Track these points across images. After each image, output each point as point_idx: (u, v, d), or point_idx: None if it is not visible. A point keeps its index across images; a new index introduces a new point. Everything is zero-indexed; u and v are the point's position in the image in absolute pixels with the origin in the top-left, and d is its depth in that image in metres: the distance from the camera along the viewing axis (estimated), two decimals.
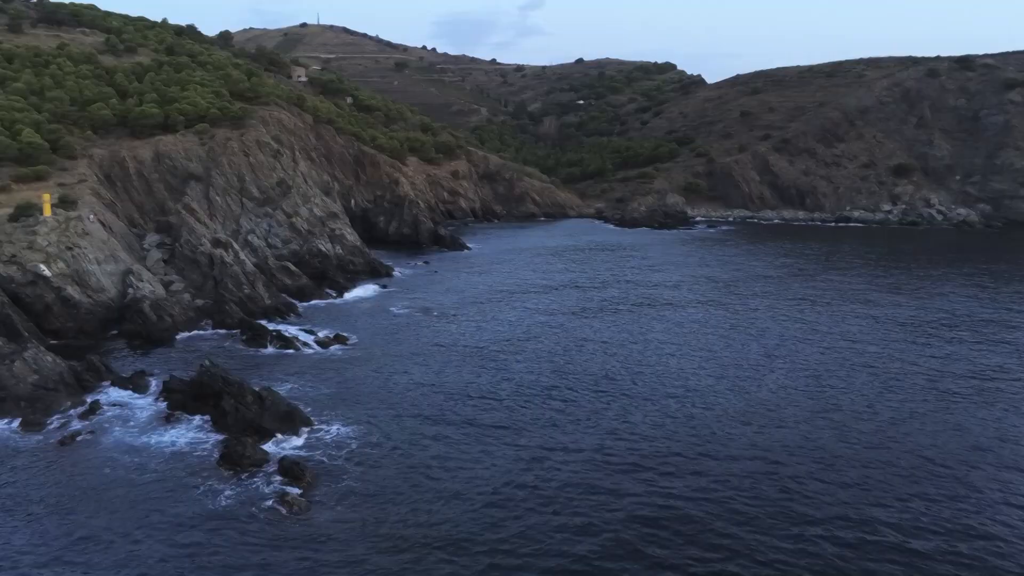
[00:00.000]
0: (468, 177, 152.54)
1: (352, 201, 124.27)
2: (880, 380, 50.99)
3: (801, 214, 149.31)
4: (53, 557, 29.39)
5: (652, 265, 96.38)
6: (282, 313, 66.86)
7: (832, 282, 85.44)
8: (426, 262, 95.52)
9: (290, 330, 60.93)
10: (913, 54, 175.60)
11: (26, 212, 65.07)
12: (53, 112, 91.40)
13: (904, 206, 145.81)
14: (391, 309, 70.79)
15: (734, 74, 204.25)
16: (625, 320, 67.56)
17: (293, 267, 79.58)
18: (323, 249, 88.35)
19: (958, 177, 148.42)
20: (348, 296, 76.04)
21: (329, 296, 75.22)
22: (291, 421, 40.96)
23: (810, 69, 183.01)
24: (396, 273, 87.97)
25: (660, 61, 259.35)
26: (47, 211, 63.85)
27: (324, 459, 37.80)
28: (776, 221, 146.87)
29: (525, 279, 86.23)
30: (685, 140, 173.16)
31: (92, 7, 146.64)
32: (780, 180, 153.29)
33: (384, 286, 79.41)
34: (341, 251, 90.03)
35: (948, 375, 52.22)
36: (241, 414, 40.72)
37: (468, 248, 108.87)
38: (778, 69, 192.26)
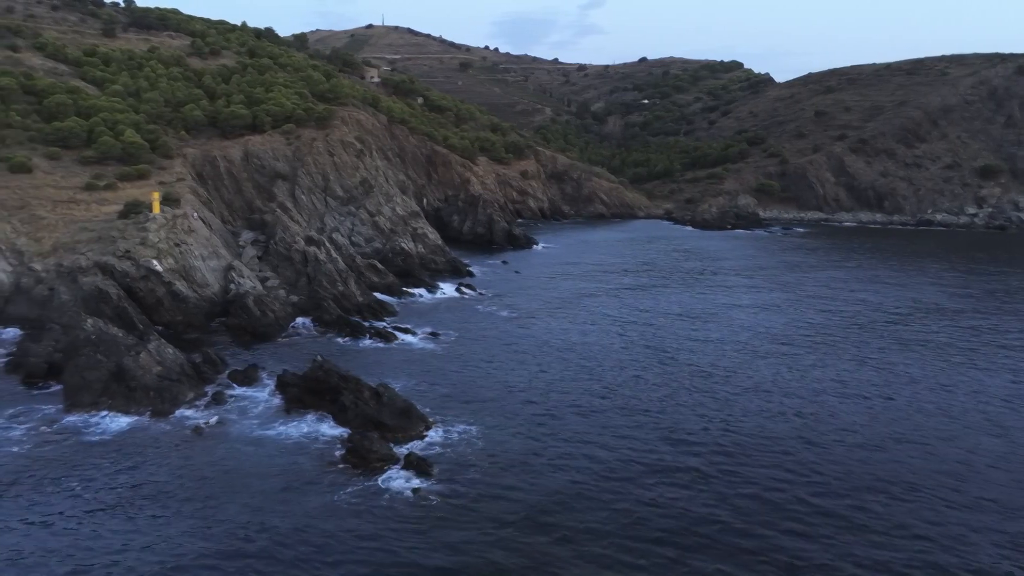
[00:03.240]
0: (537, 177, 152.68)
1: (424, 200, 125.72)
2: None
3: (879, 216, 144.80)
4: (193, 546, 30.40)
5: (738, 267, 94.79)
6: (375, 311, 67.94)
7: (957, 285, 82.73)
8: (504, 261, 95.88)
9: (386, 327, 61.94)
10: (1000, 50, 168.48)
11: (135, 209, 67.79)
12: (149, 113, 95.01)
13: (991, 209, 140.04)
14: (478, 307, 71.31)
15: (805, 72, 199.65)
16: (719, 316, 66.68)
17: (380, 265, 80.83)
18: (405, 248, 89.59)
19: None
20: (435, 295, 76.81)
21: (416, 295, 76.13)
22: (409, 417, 41.56)
23: (888, 67, 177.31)
24: (476, 272, 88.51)
25: (725, 59, 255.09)
26: (156, 209, 66.35)
27: (448, 455, 38.28)
28: (852, 224, 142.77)
29: (607, 277, 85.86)
30: (756, 140, 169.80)
31: (176, 11, 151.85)
32: (857, 182, 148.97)
33: (469, 285, 79.96)
34: (423, 250, 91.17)
35: None
36: (360, 409, 41.54)
37: (542, 247, 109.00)
38: (852, 67, 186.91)
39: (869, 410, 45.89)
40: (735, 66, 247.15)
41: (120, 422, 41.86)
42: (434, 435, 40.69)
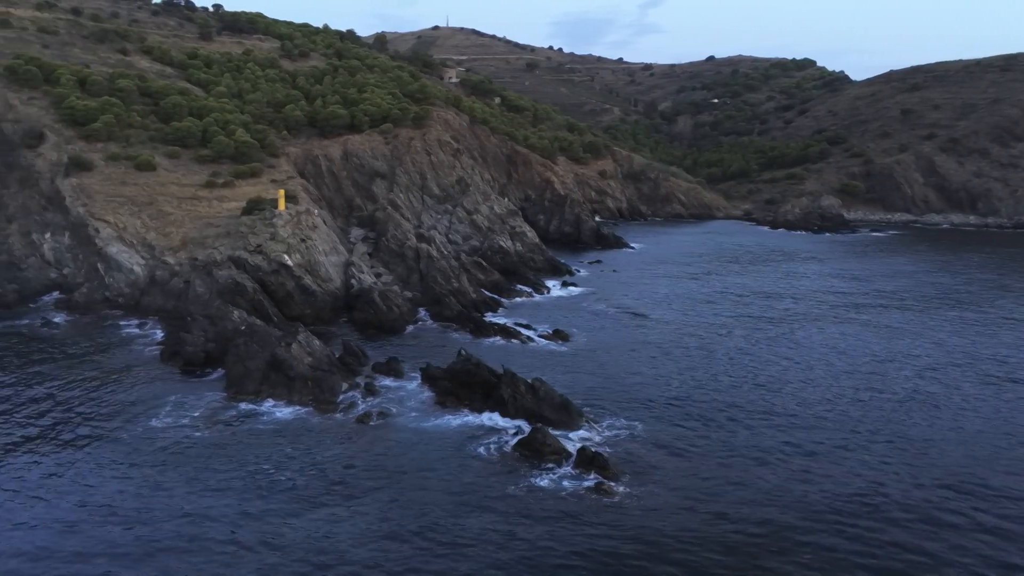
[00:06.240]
0: (614, 177, 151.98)
1: (506, 199, 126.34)
2: None
3: (972, 218, 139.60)
4: (383, 535, 30.93)
5: (838, 260, 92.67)
6: (490, 307, 68.46)
7: None
8: (598, 261, 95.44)
9: (508, 323, 62.27)
10: None
11: (257, 206, 69.73)
12: (252, 113, 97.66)
13: None
14: (584, 305, 71.10)
15: (879, 70, 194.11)
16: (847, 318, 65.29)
17: (484, 263, 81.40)
18: (504, 246, 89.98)
19: None
20: (544, 293, 76.74)
21: (525, 292, 76.29)
22: (567, 412, 41.68)
23: (978, 63, 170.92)
24: (575, 271, 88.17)
25: (796, 57, 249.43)
26: (281, 205, 68.11)
27: (617, 451, 38.22)
28: (944, 226, 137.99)
29: (710, 277, 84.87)
30: (837, 139, 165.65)
31: (261, 15, 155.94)
32: (948, 182, 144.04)
33: (573, 284, 79.95)
34: (521, 248, 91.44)
35: None
36: (520, 403, 41.83)
37: (631, 247, 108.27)
38: (938, 64, 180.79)
39: None
40: (808, 64, 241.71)
41: (285, 410, 43.01)
42: (596, 430, 40.71)
